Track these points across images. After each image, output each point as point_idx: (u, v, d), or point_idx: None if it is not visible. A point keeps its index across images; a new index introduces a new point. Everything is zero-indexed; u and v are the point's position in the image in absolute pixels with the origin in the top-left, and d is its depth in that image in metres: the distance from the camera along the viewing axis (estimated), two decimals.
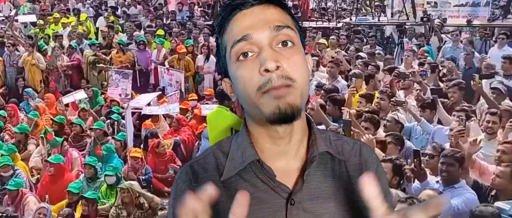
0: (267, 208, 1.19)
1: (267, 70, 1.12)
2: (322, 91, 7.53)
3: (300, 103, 1.15)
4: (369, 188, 0.94)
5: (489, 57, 9.72)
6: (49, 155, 7.66)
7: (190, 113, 9.60)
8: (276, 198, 1.20)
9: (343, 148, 1.30)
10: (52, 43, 12.77)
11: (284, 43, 1.17)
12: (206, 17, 16.89)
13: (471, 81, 6.90)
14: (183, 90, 10.79)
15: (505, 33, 11.16)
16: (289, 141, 1.23)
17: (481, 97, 7.10)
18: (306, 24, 14.85)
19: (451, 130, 5.38)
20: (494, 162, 5.06)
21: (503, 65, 8.79)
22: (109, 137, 8.41)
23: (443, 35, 12.23)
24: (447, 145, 5.22)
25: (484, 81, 7.42)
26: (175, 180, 1.31)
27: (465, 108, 6.21)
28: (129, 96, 10.62)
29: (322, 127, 5.61)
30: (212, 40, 12.72)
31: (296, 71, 1.15)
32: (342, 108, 6.33)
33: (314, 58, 9.46)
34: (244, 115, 1.29)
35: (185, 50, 11.51)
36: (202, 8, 18.05)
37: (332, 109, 6.69)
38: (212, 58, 11.53)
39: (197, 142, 8.81)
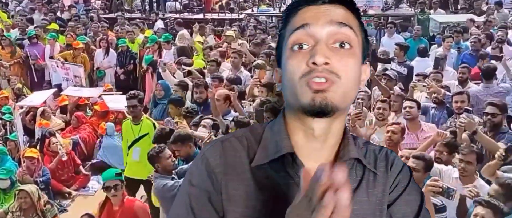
0: (286, 203, 1.16)
1: (314, 63, 1.11)
2: (226, 81, 7.55)
3: (338, 102, 1.13)
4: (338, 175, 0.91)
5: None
6: None
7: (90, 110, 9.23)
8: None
9: (369, 154, 1.30)
10: None
11: (342, 45, 1.15)
12: (106, 10, 16.33)
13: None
14: (84, 85, 10.32)
15: (392, 22, 11.78)
16: (323, 141, 1.22)
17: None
18: (208, 16, 14.82)
19: (348, 114, 5.57)
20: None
21: (395, 52, 9.28)
22: None
23: None
24: None
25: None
26: (203, 153, 1.28)
27: (363, 93, 6.46)
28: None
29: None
30: (111, 34, 12.33)
31: (344, 71, 1.13)
32: (243, 100, 6.36)
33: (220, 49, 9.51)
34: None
35: (82, 45, 10.99)
36: (101, 0, 17.41)
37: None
38: (112, 52, 11.15)
39: (98, 139, 8.50)
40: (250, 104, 6.06)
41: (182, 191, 1.27)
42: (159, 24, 13.95)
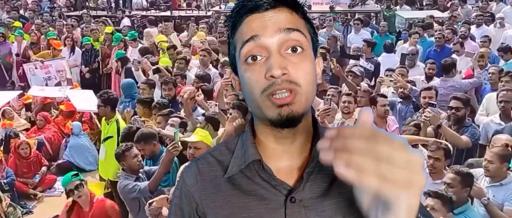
0: (267, 205, 1.22)
1: (273, 76, 1.12)
2: (195, 78, 7.52)
3: (303, 110, 1.16)
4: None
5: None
6: None
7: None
8: (276, 196, 1.22)
9: None
10: None
11: (294, 49, 1.16)
12: (70, 8, 16.04)
13: (330, 65, 7.25)
14: (69, 77, 10.10)
15: (359, 18, 11.90)
16: (293, 141, 1.24)
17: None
18: (175, 13, 14.71)
19: (317, 110, 5.60)
20: None
21: (363, 48, 9.38)
22: None
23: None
24: None
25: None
26: (181, 174, 1.36)
27: (332, 89, 6.52)
28: None
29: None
30: (76, 32, 12.12)
31: (302, 78, 1.15)
32: (209, 101, 6.33)
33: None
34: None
35: (62, 47, 10.71)
36: None
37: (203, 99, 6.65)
38: (78, 50, 10.96)
39: (64, 139, 8.35)
40: (216, 104, 6.03)
41: (169, 212, 1.38)
42: (126, 21, 13.76)
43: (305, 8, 1.26)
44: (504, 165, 4.38)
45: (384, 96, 6.01)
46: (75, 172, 5.15)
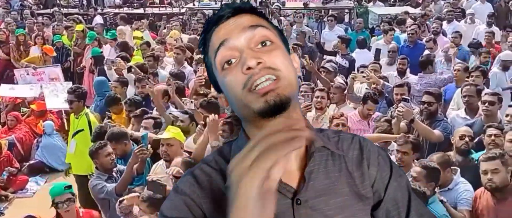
0: (275, 211, 1.17)
1: (249, 68, 1.13)
2: (169, 76, 7.47)
3: (289, 92, 1.15)
4: None
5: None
6: None
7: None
8: (282, 199, 1.20)
9: (342, 143, 1.32)
10: None
11: (263, 44, 1.18)
12: (40, 6, 15.77)
13: (304, 61, 7.27)
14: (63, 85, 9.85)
15: (333, 15, 11.97)
16: None
17: None
18: (148, 10, 14.58)
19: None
20: None
21: (337, 45, 9.43)
22: None
23: (282, 18, 12.76)
24: None
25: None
26: (175, 186, 1.30)
27: (305, 85, 6.52)
28: None
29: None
30: (48, 30, 11.91)
31: (279, 63, 1.16)
32: (183, 98, 6.29)
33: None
34: None
35: (54, 53, 10.44)
36: None
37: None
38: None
39: (36, 139, 8.21)
40: (191, 101, 5.99)
41: None
42: (98, 19, 13.58)
43: (277, 3, 1.27)
44: (447, 171, 4.40)
45: (375, 102, 6.01)
46: (68, 184, 4.73)
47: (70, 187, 4.66)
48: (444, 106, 6.53)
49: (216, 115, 4.88)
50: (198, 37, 8.42)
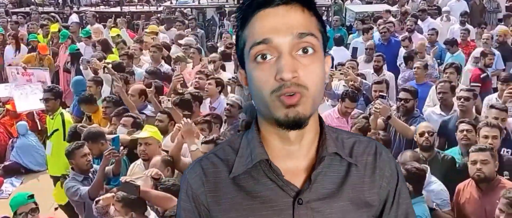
0: (274, 207, 1.22)
1: (282, 79, 1.12)
2: (146, 74, 7.42)
3: (309, 112, 1.16)
4: None
5: None
6: None
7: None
8: (284, 197, 1.22)
9: (355, 148, 1.31)
10: None
11: (305, 50, 1.16)
12: (16, 4, 15.52)
13: None
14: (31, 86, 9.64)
15: None
16: (299, 142, 1.24)
17: None
18: (125, 8, 14.45)
19: None
20: None
21: None
22: None
23: None
24: None
25: None
26: (184, 176, 1.33)
27: None
28: None
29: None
30: (23, 29, 11.73)
31: (311, 80, 1.15)
32: (161, 96, 6.25)
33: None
34: None
35: (48, 51, 10.23)
36: None
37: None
38: (24, 48, 10.60)
39: (11, 140, 8.07)
40: (168, 100, 5.95)
41: (178, 216, 1.35)
42: (74, 18, 13.40)
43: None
44: None
45: (353, 100, 6.02)
46: (31, 194, 4.51)
47: (32, 196, 4.47)
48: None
49: (188, 119, 4.83)
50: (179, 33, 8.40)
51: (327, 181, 1.24)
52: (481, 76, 6.96)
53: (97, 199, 4.24)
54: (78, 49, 9.54)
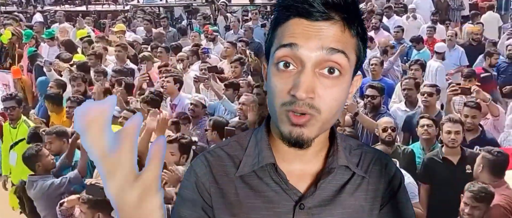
0: (275, 209, 1.20)
1: (295, 96, 1.06)
2: (113, 73, 7.31)
3: (315, 134, 1.12)
4: None
5: None
6: None
7: None
8: (286, 200, 1.21)
9: (362, 158, 1.29)
10: None
11: (331, 70, 1.08)
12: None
13: (249, 58, 7.29)
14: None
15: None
16: (307, 149, 1.17)
17: None
18: (91, 7, 14.24)
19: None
20: None
21: None
22: None
23: (228, 14, 12.74)
24: None
25: None
26: (190, 166, 1.30)
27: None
28: None
29: None
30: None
31: (327, 104, 1.08)
32: (130, 97, 6.17)
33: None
34: None
35: (20, 74, 9.82)
36: None
37: (123, 94, 6.45)
38: None
39: None
40: (137, 100, 5.87)
41: (176, 207, 1.28)
42: (38, 17, 13.14)
43: (225, 1, 1.19)
44: None
45: None
46: None
47: None
48: None
49: (166, 113, 4.82)
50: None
51: (332, 189, 1.23)
52: (481, 75, 7.02)
53: (61, 201, 4.16)
54: (36, 51, 9.32)
